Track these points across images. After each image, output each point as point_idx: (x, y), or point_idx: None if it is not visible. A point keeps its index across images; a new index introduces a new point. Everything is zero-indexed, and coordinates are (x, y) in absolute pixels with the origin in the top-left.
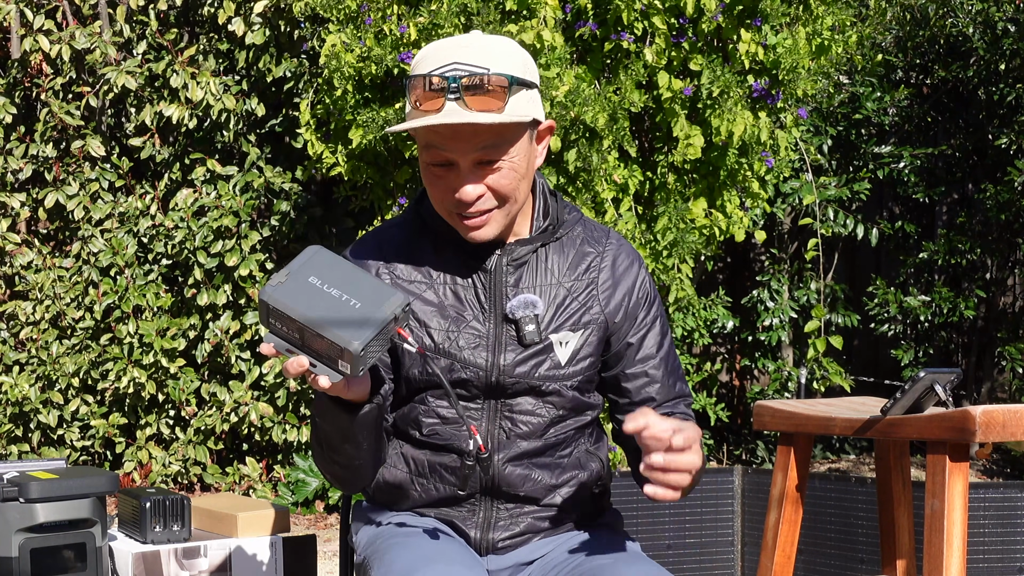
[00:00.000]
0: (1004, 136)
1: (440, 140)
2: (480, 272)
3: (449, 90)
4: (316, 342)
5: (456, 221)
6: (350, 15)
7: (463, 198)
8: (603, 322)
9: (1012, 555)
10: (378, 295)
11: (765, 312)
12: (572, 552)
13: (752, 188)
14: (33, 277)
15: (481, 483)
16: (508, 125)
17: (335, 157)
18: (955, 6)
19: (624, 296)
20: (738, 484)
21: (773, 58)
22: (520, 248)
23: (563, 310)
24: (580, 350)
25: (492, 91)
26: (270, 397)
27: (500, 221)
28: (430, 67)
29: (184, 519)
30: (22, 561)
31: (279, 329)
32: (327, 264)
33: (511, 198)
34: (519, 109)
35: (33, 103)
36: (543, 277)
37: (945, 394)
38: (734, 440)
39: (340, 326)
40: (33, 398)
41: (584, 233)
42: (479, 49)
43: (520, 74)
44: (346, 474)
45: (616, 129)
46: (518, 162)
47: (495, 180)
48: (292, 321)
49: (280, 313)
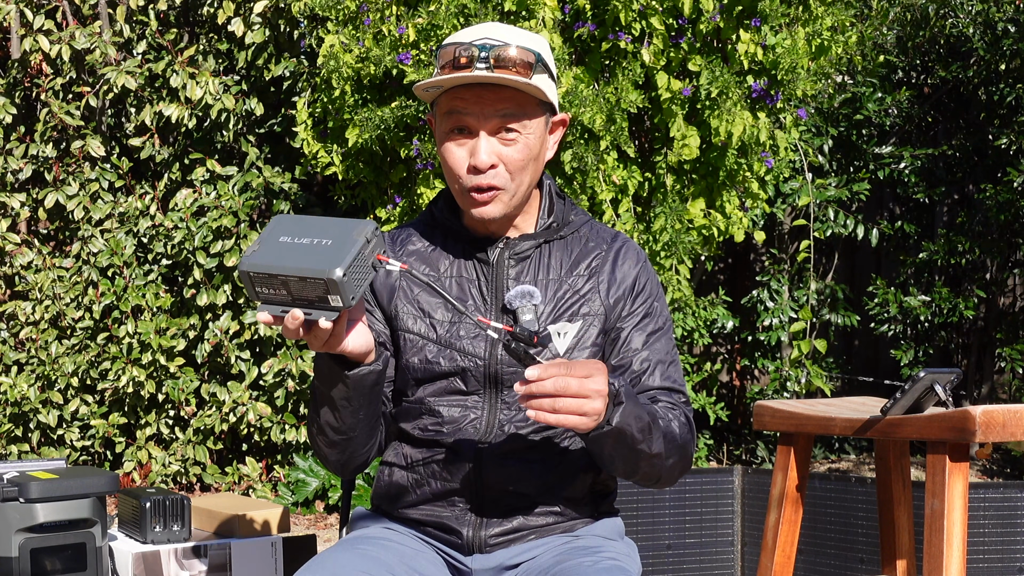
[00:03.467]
0: (1004, 136)
1: (463, 104)
2: (483, 265)
3: (479, 58)
4: (303, 289)
5: (465, 197)
6: (349, 15)
7: (477, 164)
8: (603, 314)
9: (1012, 555)
10: (347, 228)
11: (765, 312)
12: (557, 558)
13: (752, 188)
14: (33, 277)
15: (475, 477)
16: (529, 98)
17: (330, 156)
18: (955, 6)
19: (621, 289)
20: (738, 484)
21: (772, 58)
22: (522, 243)
23: (562, 302)
24: (579, 342)
25: (518, 63)
26: (269, 397)
27: (506, 202)
28: (461, 40)
29: (184, 519)
30: (22, 561)
31: (267, 295)
32: (293, 223)
33: (519, 177)
34: (542, 86)
35: (33, 103)
36: (544, 272)
37: (945, 394)
38: (734, 440)
39: (319, 263)
40: (33, 398)
41: (591, 233)
42: (508, 30)
43: (546, 59)
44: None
45: (614, 130)
46: (532, 141)
47: (509, 153)
48: (275, 278)
49: (262, 276)
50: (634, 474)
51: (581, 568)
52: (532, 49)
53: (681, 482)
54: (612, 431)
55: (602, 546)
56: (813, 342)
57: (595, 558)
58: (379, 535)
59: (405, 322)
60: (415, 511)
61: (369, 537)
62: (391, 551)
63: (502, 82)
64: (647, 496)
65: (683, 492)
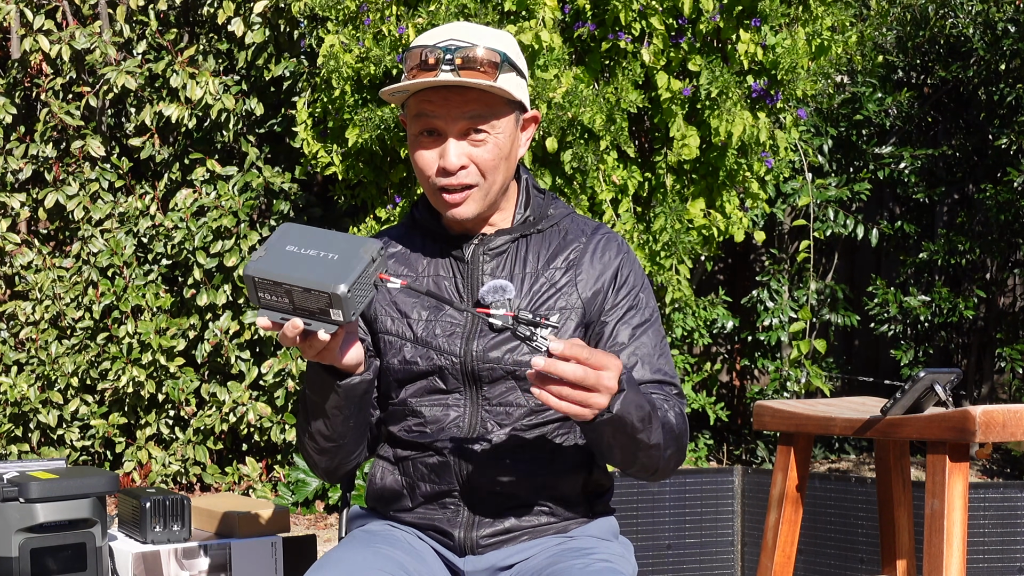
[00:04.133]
0: (1004, 136)
1: (431, 107)
2: (458, 262)
3: (444, 60)
4: (305, 300)
5: (438, 197)
6: (349, 15)
7: (446, 166)
8: (580, 308)
9: (1012, 555)
10: (353, 245)
11: (765, 312)
12: (549, 560)
13: (752, 188)
14: (33, 277)
15: (463, 478)
16: (496, 98)
17: (330, 156)
18: (955, 6)
19: (601, 282)
20: (738, 484)
21: (772, 58)
22: (498, 238)
23: (538, 296)
24: (557, 335)
25: (484, 64)
26: (269, 397)
27: (479, 200)
28: (426, 42)
29: (184, 519)
30: (22, 561)
31: (269, 301)
32: (301, 233)
33: (492, 176)
34: (509, 86)
35: (33, 103)
36: (520, 266)
37: (945, 394)
38: (734, 440)
39: (324, 276)
40: (33, 398)
41: (570, 226)
42: (475, 30)
43: (512, 57)
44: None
45: (614, 130)
46: (502, 140)
47: (479, 154)
48: (279, 286)
49: (267, 283)
50: (632, 464)
51: (572, 570)
52: (498, 49)
53: (681, 482)
54: (612, 418)
55: (595, 547)
56: (813, 342)
57: (586, 560)
58: (384, 531)
59: (384, 323)
60: (409, 515)
61: (377, 532)
62: (401, 548)
63: (468, 84)
64: (647, 496)
65: (683, 492)
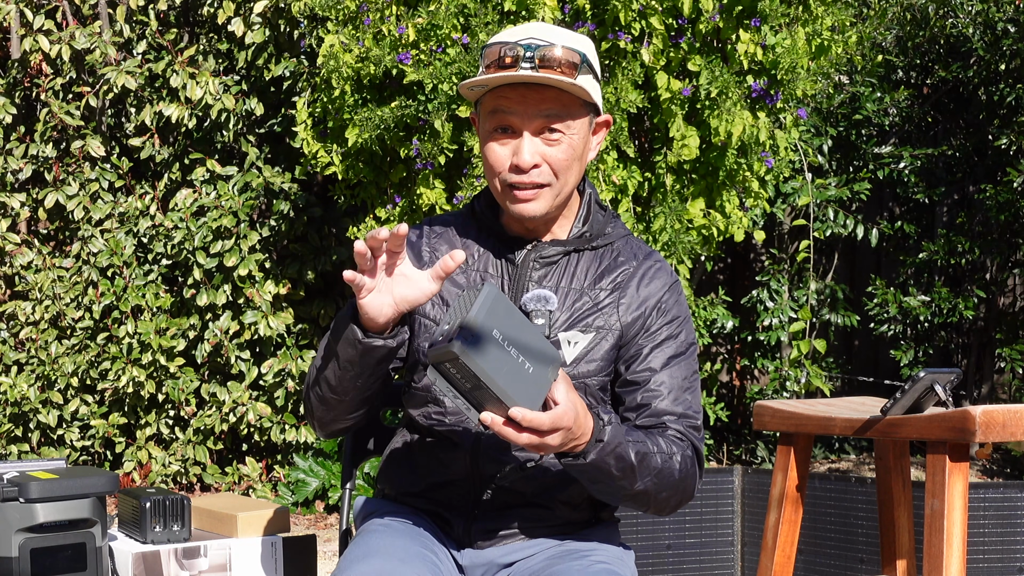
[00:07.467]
0: (1004, 136)
1: (507, 104)
2: (509, 264)
3: (523, 58)
4: (486, 396)
5: (507, 194)
6: (349, 15)
7: (520, 163)
8: (618, 331)
9: (1012, 555)
10: (543, 357)
11: (765, 312)
12: (548, 561)
13: (751, 188)
14: (33, 277)
15: (472, 470)
16: (573, 98)
17: (330, 156)
18: (955, 6)
19: (643, 308)
20: (738, 484)
21: (772, 58)
22: (551, 248)
23: (578, 312)
24: (588, 353)
25: (563, 64)
26: (268, 397)
27: (548, 200)
28: (506, 39)
29: (184, 519)
30: (22, 561)
31: (450, 373)
32: (504, 314)
33: (564, 176)
34: (586, 87)
35: (33, 103)
36: (568, 280)
37: (945, 394)
38: (734, 440)
39: (515, 391)
40: (33, 398)
41: (624, 247)
42: (554, 31)
43: (591, 59)
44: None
45: (614, 130)
46: (576, 141)
47: (553, 153)
48: (475, 377)
49: (467, 370)
50: (618, 503)
51: (571, 572)
52: (577, 49)
53: None
54: (587, 466)
55: (594, 550)
56: (813, 342)
57: (585, 562)
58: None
59: (424, 307)
60: (417, 499)
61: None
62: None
63: (547, 82)
64: None
65: None
